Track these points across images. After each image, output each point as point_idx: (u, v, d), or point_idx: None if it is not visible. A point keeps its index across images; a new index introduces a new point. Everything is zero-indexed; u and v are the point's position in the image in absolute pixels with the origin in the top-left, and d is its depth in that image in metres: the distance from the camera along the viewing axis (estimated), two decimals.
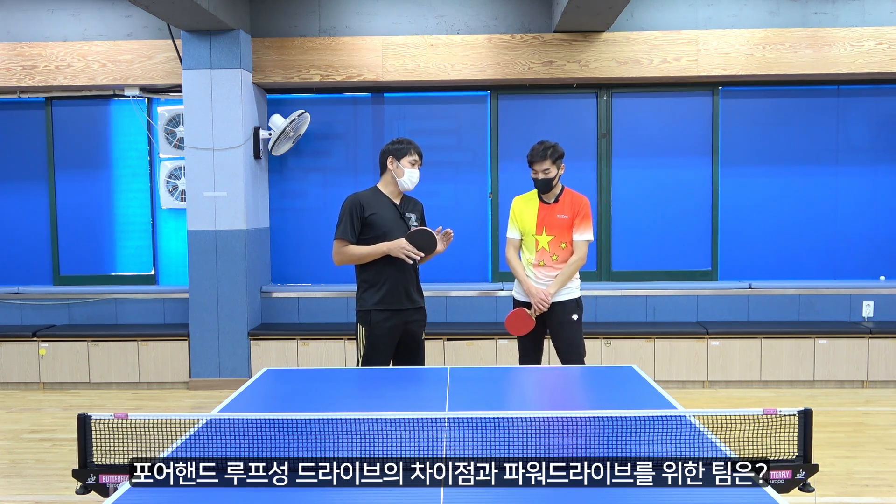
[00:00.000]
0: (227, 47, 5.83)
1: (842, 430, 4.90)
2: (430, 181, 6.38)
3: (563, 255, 4.21)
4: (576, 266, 4.20)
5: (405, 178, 3.88)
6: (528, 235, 4.25)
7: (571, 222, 4.19)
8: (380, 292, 3.86)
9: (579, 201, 4.24)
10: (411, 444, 2.22)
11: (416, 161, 3.90)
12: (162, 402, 5.81)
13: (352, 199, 3.91)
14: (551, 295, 4.16)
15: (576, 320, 4.23)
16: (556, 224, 4.20)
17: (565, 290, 4.22)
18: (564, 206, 4.22)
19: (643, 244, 6.40)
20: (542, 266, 4.21)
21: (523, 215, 4.27)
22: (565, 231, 4.19)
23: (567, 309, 4.22)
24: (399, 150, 3.90)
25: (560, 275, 4.17)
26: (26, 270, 6.64)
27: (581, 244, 4.21)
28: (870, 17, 5.96)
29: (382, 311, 3.86)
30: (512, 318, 4.24)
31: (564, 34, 5.98)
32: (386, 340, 3.88)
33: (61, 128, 6.55)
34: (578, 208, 4.21)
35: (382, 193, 3.95)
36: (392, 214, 3.90)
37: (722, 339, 5.89)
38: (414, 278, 3.95)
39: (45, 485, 4.10)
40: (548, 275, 4.21)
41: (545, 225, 4.21)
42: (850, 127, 6.34)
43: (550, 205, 4.23)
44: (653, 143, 6.37)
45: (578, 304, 4.27)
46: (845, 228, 6.39)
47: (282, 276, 6.57)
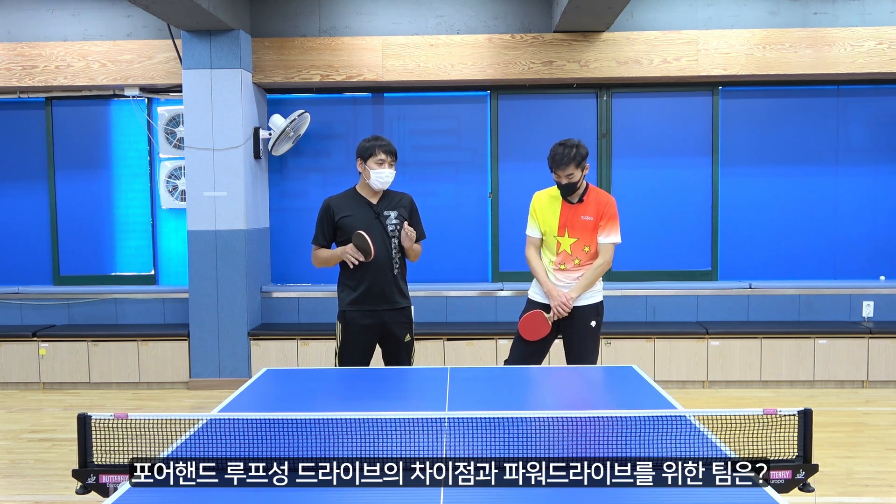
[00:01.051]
0: (227, 47, 5.84)
1: (842, 430, 4.90)
2: (430, 181, 6.43)
3: (585, 259, 3.98)
4: (601, 270, 3.96)
5: (373, 179, 3.86)
6: (550, 236, 4.01)
7: (596, 224, 3.95)
8: (355, 292, 3.88)
9: (605, 201, 3.98)
10: (411, 444, 2.22)
11: (383, 160, 3.84)
12: (162, 402, 5.81)
13: (325, 203, 3.97)
14: (573, 299, 3.93)
15: (594, 327, 4.00)
16: (580, 226, 3.95)
17: (587, 295, 3.98)
18: (589, 207, 3.96)
19: (643, 244, 6.40)
20: (563, 269, 3.99)
21: (545, 214, 4.02)
22: (589, 233, 3.95)
23: (586, 315, 3.99)
24: (365, 149, 3.88)
25: (583, 278, 3.94)
26: (26, 270, 6.64)
27: (607, 247, 3.97)
28: (870, 17, 5.96)
29: (356, 310, 3.87)
30: (527, 321, 4.01)
31: (564, 34, 5.98)
32: (361, 339, 3.89)
33: (61, 128, 6.55)
34: (604, 209, 3.95)
35: (359, 194, 3.95)
36: (366, 215, 3.88)
37: (722, 339, 5.89)
38: (393, 280, 3.91)
39: (45, 485, 4.10)
40: (569, 277, 3.99)
41: (568, 226, 3.97)
42: (850, 127, 6.34)
43: (574, 205, 3.97)
44: (653, 143, 6.37)
45: (598, 310, 4.04)
46: (845, 228, 6.39)
47: (282, 276, 6.58)
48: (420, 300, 5.88)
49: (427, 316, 6.15)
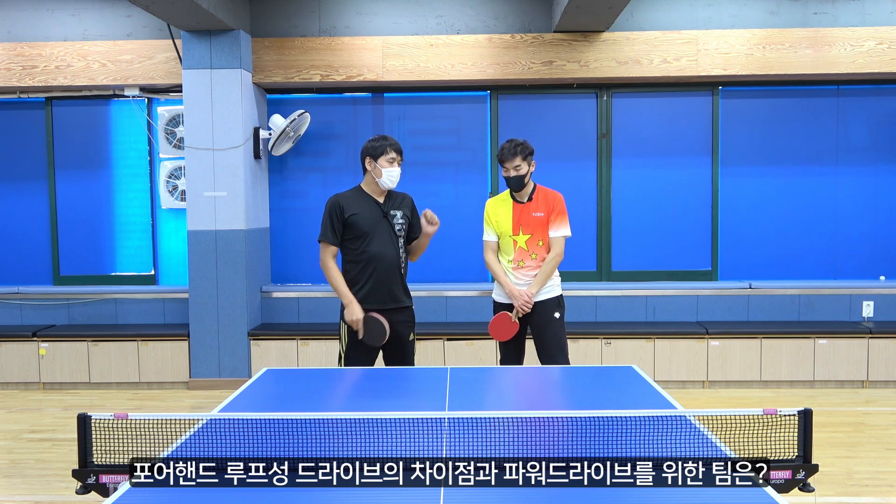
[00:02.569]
0: (227, 47, 5.84)
1: (842, 430, 4.90)
2: (430, 181, 6.43)
3: (541, 253, 4.19)
4: (554, 263, 4.17)
5: (384, 178, 3.85)
6: (505, 237, 4.21)
7: (547, 219, 4.18)
8: (361, 292, 3.86)
9: (553, 197, 4.23)
10: (411, 444, 2.22)
11: (394, 159, 3.85)
12: (162, 402, 5.81)
13: (332, 200, 3.90)
14: (533, 295, 4.13)
15: (558, 318, 4.21)
16: (532, 222, 4.17)
17: (546, 289, 4.19)
18: (539, 204, 4.20)
19: (643, 244, 6.40)
20: (522, 266, 4.19)
21: (498, 217, 4.23)
22: (542, 228, 4.17)
23: (549, 308, 4.19)
24: (375, 148, 3.86)
25: (539, 273, 4.15)
26: (26, 270, 6.64)
27: (558, 240, 4.19)
28: (870, 17, 5.96)
29: (364, 309, 3.85)
30: (495, 324, 4.22)
31: (564, 34, 5.98)
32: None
33: (61, 128, 6.55)
34: (553, 205, 4.20)
35: (365, 193, 3.93)
36: (374, 214, 3.88)
37: (722, 339, 5.88)
38: (399, 278, 3.93)
39: (45, 485, 4.10)
40: (528, 274, 4.19)
41: (521, 224, 4.18)
42: (849, 127, 6.34)
43: (524, 203, 4.20)
44: (653, 143, 6.37)
45: (560, 302, 4.24)
46: (845, 228, 6.39)
47: (282, 276, 6.57)
48: (420, 300, 5.85)
49: (427, 316, 6.14)
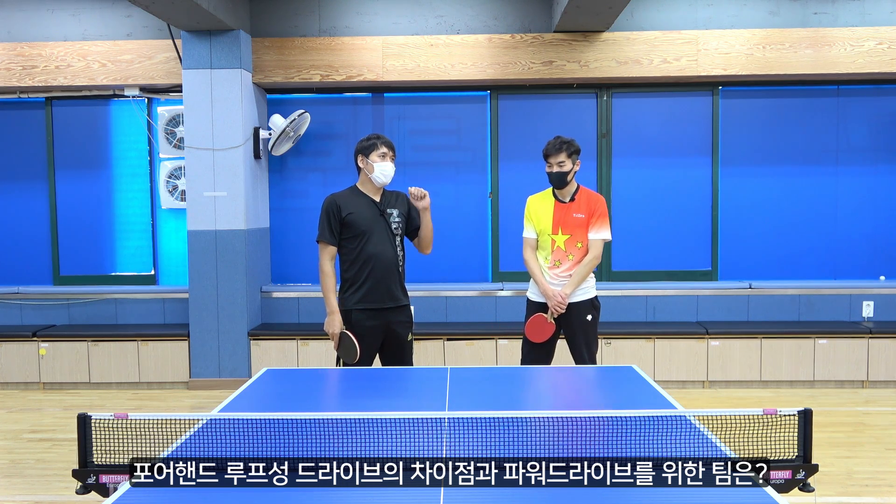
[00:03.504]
0: (227, 47, 5.83)
1: (842, 430, 4.90)
2: (430, 181, 6.42)
3: (578, 255, 4.15)
4: (590, 265, 4.13)
5: (377, 173, 3.87)
6: (544, 235, 4.18)
7: (588, 221, 4.13)
8: (360, 291, 3.87)
9: (596, 200, 4.19)
10: (411, 444, 2.22)
11: (385, 154, 3.87)
12: (162, 402, 5.81)
13: (328, 200, 3.92)
14: (567, 296, 4.09)
15: (590, 321, 4.18)
16: (573, 223, 4.14)
17: (580, 291, 4.15)
18: (581, 205, 4.16)
19: (643, 244, 6.40)
20: (558, 266, 4.16)
21: (539, 214, 4.20)
22: (582, 230, 4.14)
23: (582, 310, 4.16)
24: (366, 146, 3.90)
25: (575, 274, 4.11)
26: (26, 270, 6.64)
27: (596, 243, 4.14)
28: (870, 17, 5.96)
29: (363, 310, 3.86)
30: (532, 325, 4.17)
31: (564, 34, 5.98)
32: (367, 341, 3.87)
33: (61, 128, 6.55)
34: (595, 206, 4.15)
35: (361, 192, 3.94)
36: (371, 213, 3.89)
37: (722, 339, 5.88)
38: (397, 277, 3.93)
39: (45, 485, 4.10)
40: (563, 275, 4.15)
41: (561, 224, 4.14)
42: (849, 127, 6.34)
43: (566, 203, 4.17)
44: (653, 143, 6.37)
45: (594, 304, 4.21)
46: (845, 228, 6.39)
47: (282, 276, 6.57)
48: (420, 300, 5.88)
49: (427, 316, 6.14)
